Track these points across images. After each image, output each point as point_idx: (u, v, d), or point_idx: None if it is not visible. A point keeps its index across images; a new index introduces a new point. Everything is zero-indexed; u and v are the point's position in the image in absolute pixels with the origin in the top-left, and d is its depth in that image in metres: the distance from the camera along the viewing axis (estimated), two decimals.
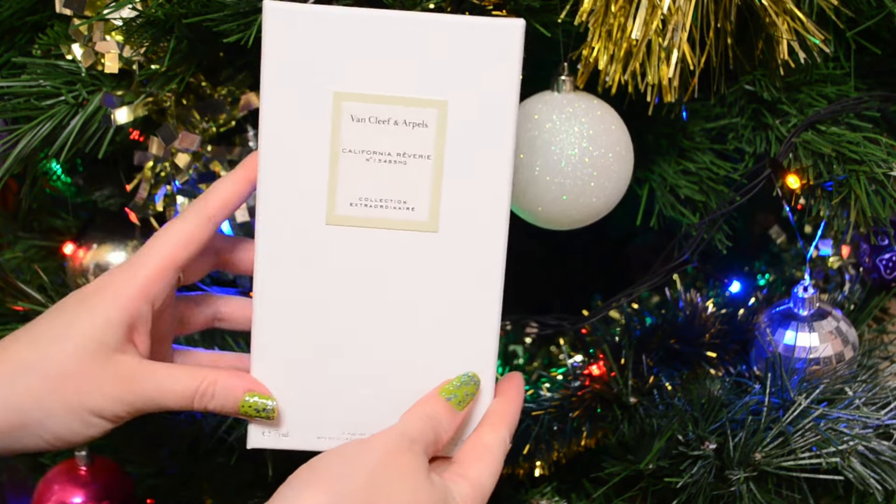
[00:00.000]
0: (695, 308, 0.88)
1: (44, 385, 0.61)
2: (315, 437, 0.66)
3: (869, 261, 0.92)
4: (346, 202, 0.62)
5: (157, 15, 0.71)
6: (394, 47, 0.60)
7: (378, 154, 0.62)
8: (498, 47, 0.61)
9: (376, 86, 0.61)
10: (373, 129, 0.61)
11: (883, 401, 0.81)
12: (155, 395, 0.62)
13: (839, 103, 0.81)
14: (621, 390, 0.85)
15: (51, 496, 0.90)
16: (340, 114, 0.61)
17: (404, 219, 0.63)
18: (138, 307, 0.62)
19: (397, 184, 0.62)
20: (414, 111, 0.61)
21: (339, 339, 0.64)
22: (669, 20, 0.70)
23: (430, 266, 0.64)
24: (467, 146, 0.62)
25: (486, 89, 0.62)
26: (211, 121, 0.81)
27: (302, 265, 0.63)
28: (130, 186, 0.84)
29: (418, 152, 0.62)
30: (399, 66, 0.61)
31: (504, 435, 0.65)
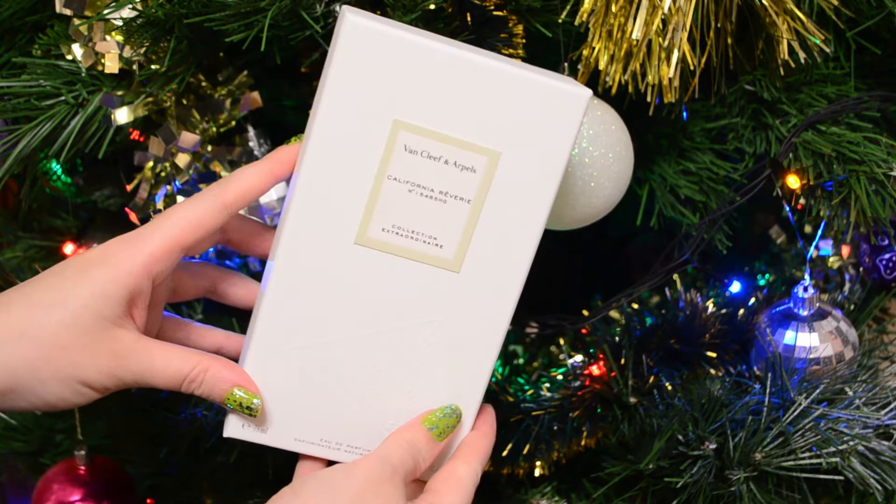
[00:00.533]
0: (695, 308, 0.88)
1: (39, 353, 0.60)
2: (293, 438, 0.66)
3: (869, 261, 0.92)
4: (379, 226, 0.63)
5: (158, 15, 0.70)
6: (462, 88, 0.60)
7: (421, 188, 0.62)
8: (561, 110, 0.61)
9: (437, 122, 0.61)
10: (422, 163, 0.61)
11: (883, 401, 0.81)
12: (146, 374, 0.62)
13: (839, 103, 0.81)
14: (621, 390, 0.85)
15: (50, 495, 0.89)
16: (395, 142, 0.61)
17: (431, 254, 0.63)
18: (139, 283, 0.62)
19: (433, 220, 0.63)
20: (466, 155, 0.61)
21: (337, 353, 0.65)
22: (670, 20, 0.70)
23: (441, 302, 0.64)
24: (508, 198, 0.63)
25: (540, 148, 0.62)
26: (211, 121, 0.81)
27: (318, 276, 0.63)
28: (131, 186, 0.84)
29: (460, 194, 0.62)
30: (463, 108, 0.61)
31: (476, 468, 0.65)
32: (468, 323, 0.65)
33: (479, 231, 0.63)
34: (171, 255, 0.63)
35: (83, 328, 0.60)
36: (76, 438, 0.90)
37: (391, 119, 0.60)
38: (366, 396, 0.66)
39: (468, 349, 0.66)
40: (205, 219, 0.63)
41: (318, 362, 0.65)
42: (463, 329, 0.65)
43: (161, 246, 0.62)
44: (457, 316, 0.65)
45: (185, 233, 0.62)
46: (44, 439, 1.03)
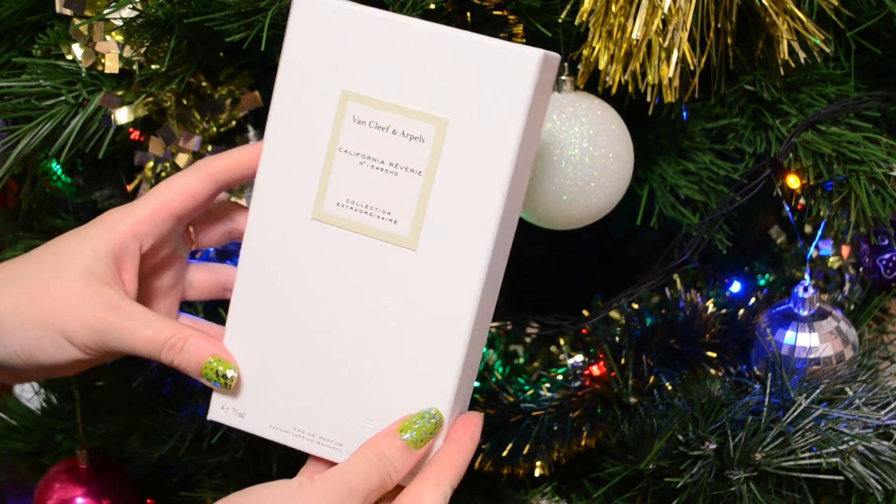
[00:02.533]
0: (695, 308, 0.88)
1: (24, 296, 0.62)
2: (268, 425, 0.65)
3: (869, 261, 0.92)
4: (334, 201, 0.62)
5: (158, 15, 0.70)
6: (409, 56, 0.60)
7: (371, 160, 0.61)
8: (511, 73, 0.59)
9: (383, 91, 0.60)
10: (371, 134, 0.61)
11: (883, 401, 0.81)
12: (125, 334, 0.62)
13: (839, 103, 0.81)
14: (621, 390, 0.85)
15: (52, 494, 0.90)
16: (344, 113, 0.61)
17: (385, 230, 0.62)
18: (125, 242, 0.63)
19: (385, 193, 0.61)
20: (413, 124, 0.60)
21: (307, 335, 0.64)
22: (670, 20, 0.70)
23: (403, 283, 0.62)
24: (462, 170, 0.60)
25: (493, 115, 0.59)
26: (211, 121, 0.81)
27: (283, 254, 0.63)
28: (131, 186, 0.84)
29: (410, 166, 0.61)
30: (410, 76, 0.60)
31: (446, 491, 0.61)
32: (430, 306, 0.61)
33: (434, 205, 0.61)
34: (159, 217, 0.64)
35: (69, 278, 0.62)
36: (77, 438, 0.90)
37: (339, 90, 0.61)
38: (335, 384, 0.64)
39: (434, 336, 0.62)
40: (192, 186, 0.65)
41: (287, 345, 0.64)
42: (425, 313, 0.62)
43: (148, 209, 0.64)
44: (417, 298, 0.62)
45: (172, 200, 0.64)
46: (44, 439, 1.03)
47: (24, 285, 0.62)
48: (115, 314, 0.62)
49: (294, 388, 0.65)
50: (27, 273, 0.63)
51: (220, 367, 0.64)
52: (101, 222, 0.64)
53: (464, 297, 0.61)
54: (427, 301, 0.62)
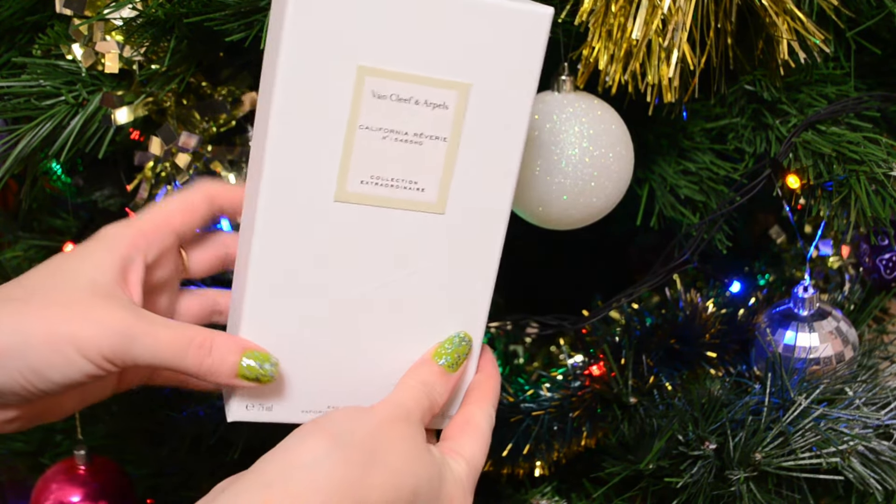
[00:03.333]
0: (695, 308, 0.88)
1: (26, 311, 0.57)
2: (300, 410, 0.64)
3: (869, 261, 0.92)
4: (357, 179, 0.60)
5: (158, 15, 0.71)
6: (423, 24, 0.58)
7: (395, 133, 0.60)
8: (524, 33, 0.60)
9: (402, 63, 0.59)
10: (393, 108, 0.60)
11: (883, 401, 0.81)
12: (149, 338, 0.58)
13: (839, 103, 0.81)
14: (621, 390, 0.85)
15: (49, 495, 0.89)
16: (362, 89, 0.59)
17: (413, 199, 0.62)
18: (129, 253, 0.61)
19: (410, 164, 0.61)
20: (436, 92, 0.60)
21: (332, 315, 0.63)
22: (670, 20, 0.70)
23: (430, 245, 0.63)
24: (483, 130, 0.61)
25: (508, 74, 0.60)
26: (211, 121, 0.81)
27: (303, 240, 0.61)
28: (131, 186, 0.84)
29: (435, 133, 0.61)
30: (426, 44, 0.59)
31: (490, 411, 0.65)
32: (459, 263, 0.64)
33: (459, 168, 0.62)
34: (160, 232, 0.63)
35: (76, 288, 0.58)
36: (76, 438, 0.90)
37: (355, 66, 0.58)
38: (368, 354, 0.64)
39: (463, 290, 0.64)
40: (192, 203, 0.64)
41: (314, 327, 0.63)
42: (454, 269, 0.64)
43: (150, 221, 0.63)
44: (446, 256, 0.63)
45: (173, 213, 0.63)
46: (44, 439, 1.03)
47: (25, 301, 0.58)
48: (134, 317, 0.58)
49: (325, 368, 0.64)
50: (27, 290, 0.59)
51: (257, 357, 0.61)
52: (101, 237, 0.62)
53: (490, 246, 0.64)
54: (455, 256, 0.63)
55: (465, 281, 0.64)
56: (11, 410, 0.60)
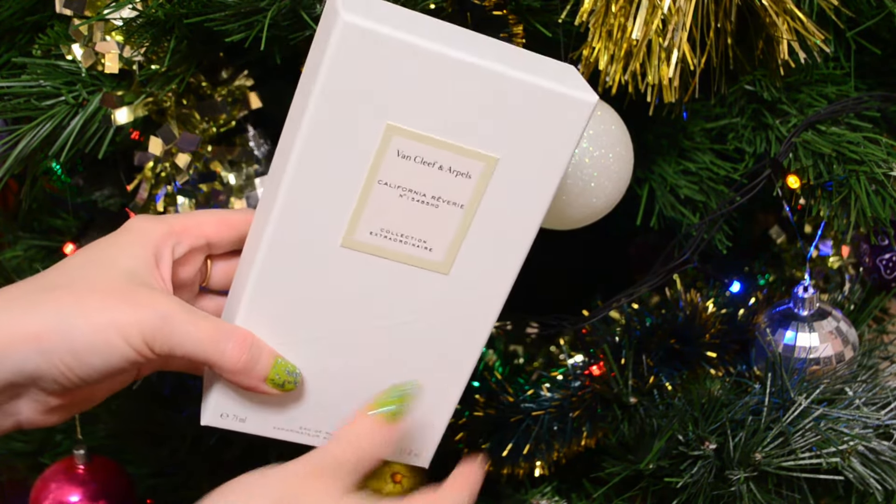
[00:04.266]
0: (695, 308, 0.88)
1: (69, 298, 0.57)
2: (272, 426, 0.65)
3: (869, 261, 0.92)
4: (367, 230, 0.61)
5: (158, 15, 0.70)
6: (459, 91, 0.58)
7: (413, 193, 0.60)
8: (564, 116, 0.59)
9: (432, 127, 0.58)
10: (415, 169, 0.59)
11: (883, 401, 0.81)
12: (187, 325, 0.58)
13: (839, 103, 0.81)
14: (621, 390, 0.85)
15: (48, 494, 0.89)
16: (388, 146, 0.58)
17: (419, 256, 0.62)
18: (160, 247, 0.61)
19: (423, 224, 0.61)
20: (462, 160, 0.59)
21: (320, 350, 0.63)
22: (670, 20, 0.70)
23: (427, 301, 0.63)
24: (503, 203, 0.61)
25: (540, 154, 0.60)
26: (211, 121, 0.81)
27: (302, 274, 0.61)
28: (131, 187, 0.84)
29: (453, 200, 0.60)
30: (460, 112, 0.58)
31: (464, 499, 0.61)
32: (453, 322, 0.64)
33: (471, 235, 0.62)
34: (191, 234, 0.63)
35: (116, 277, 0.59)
36: (76, 438, 0.90)
37: (384, 123, 0.58)
38: (348, 390, 0.65)
39: (452, 348, 0.65)
40: (228, 218, 0.64)
41: (300, 357, 0.63)
42: (448, 328, 0.64)
43: (182, 223, 0.63)
44: (442, 315, 0.64)
45: (208, 222, 0.64)
46: (44, 439, 1.03)
47: (67, 288, 0.58)
48: (175, 304, 0.58)
49: (307, 393, 0.64)
50: (68, 278, 0.59)
51: (287, 367, 0.62)
52: (133, 228, 0.62)
53: (486, 314, 0.64)
54: (450, 317, 0.64)
55: (456, 339, 0.65)
56: (53, 399, 0.60)
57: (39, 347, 0.57)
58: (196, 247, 0.64)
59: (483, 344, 0.65)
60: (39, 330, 0.57)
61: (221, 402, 0.64)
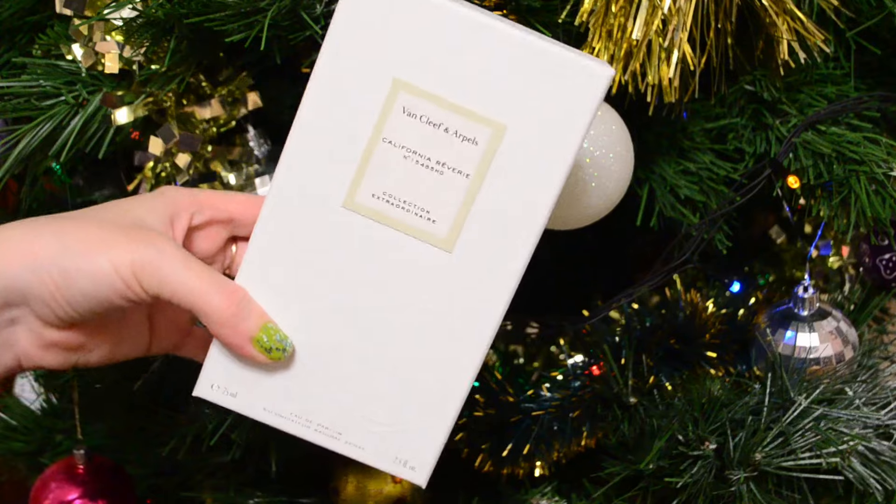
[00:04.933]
0: (695, 308, 0.88)
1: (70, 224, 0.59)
2: (262, 407, 0.62)
3: (869, 261, 0.92)
4: (369, 192, 0.59)
5: (158, 15, 0.70)
6: (473, 52, 0.56)
7: (417, 155, 0.58)
8: (577, 87, 0.57)
9: (440, 86, 0.57)
10: (421, 129, 0.58)
11: (883, 401, 0.81)
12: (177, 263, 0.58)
13: (839, 103, 0.81)
14: (621, 390, 0.85)
15: (48, 494, 0.89)
16: (394, 102, 0.57)
17: (422, 228, 0.59)
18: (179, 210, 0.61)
19: (427, 191, 0.59)
20: (469, 125, 0.58)
21: (315, 318, 0.61)
22: (670, 20, 0.70)
23: (429, 283, 0.60)
24: (511, 177, 0.58)
25: (551, 127, 0.58)
26: (211, 121, 0.81)
27: (303, 239, 0.60)
28: (131, 187, 0.84)
29: (458, 167, 0.58)
30: (471, 74, 0.57)
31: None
32: (458, 309, 0.60)
33: (477, 209, 0.59)
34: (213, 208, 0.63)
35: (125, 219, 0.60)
36: (76, 438, 0.90)
37: (391, 77, 0.57)
38: (345, 374, 0.62)
39: (457, 337, 0.61)
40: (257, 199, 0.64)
41: (299, 329, 0.61)
42: (452, 315, 0.61)
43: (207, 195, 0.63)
44: (446, 300, 0.60)
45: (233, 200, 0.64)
46: (44, 439, 1.03)
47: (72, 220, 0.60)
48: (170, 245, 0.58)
49: (299, 375, 0.62)
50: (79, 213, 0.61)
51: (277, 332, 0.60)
52: (160, 190, 0.63)
53: (492, 302, 0.61)
54: (454, 303, 0.61)
55: (458, 336, 0.61)
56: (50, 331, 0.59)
57: (32, 264, 0.57)
58: (217, 219, 0.64)
59: (488, 341, 0.61)
60: (35, 248, 0.57)
61: (214, 372, 0.62)
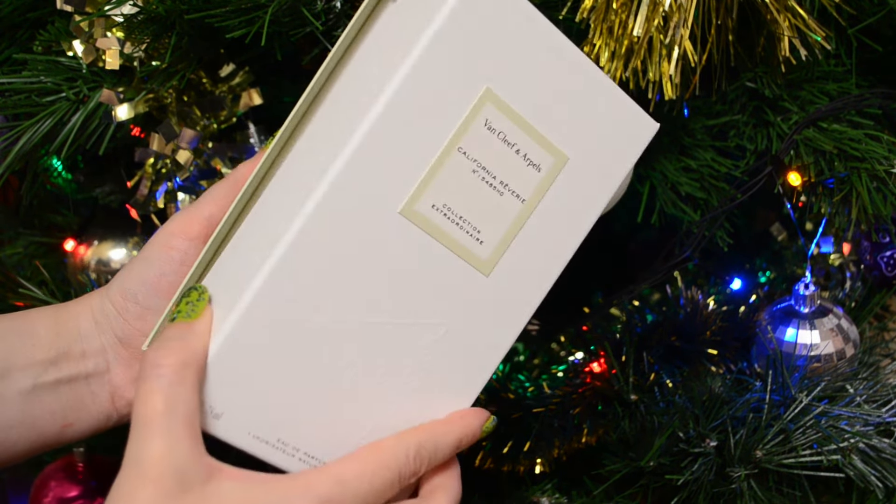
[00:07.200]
0: (696, 305, 0.88)
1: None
2: (246, 432, 0.56)
3: (870, 258, 0.92)
4: (430, 202, 0.56)
5: (158, 11, 0.70)
6: (560, 79, 0.57)
7: (485, 172, 0.57)
8: (634, 134, 0.61)
9: (524, 106, 0.57)
10: (496, 146, 0.57)
11: (884, 398, 0.81)
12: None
13: (840, 100, 0.81)
14: (622, 387, 0.85)
15: (48, 492, 0.89)
16: (479, 112, 0.56)
17: (468, 247, 0.58)
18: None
19: (483, 210, 0.58)
20: (537, 150, 0.58)
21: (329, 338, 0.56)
22: (671, 17, 0.70)
23: (458, 305, 0.59)
24: (557, 208, 0.60)
25: (603, 165, 0.60)
26: (212, 117, 0.81)
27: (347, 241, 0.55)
28: (131, 183, 0.84)
29: (517, 191, 0.58)
30: (552, 100, 0.57)
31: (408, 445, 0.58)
32: (477, 335, 0.60)
33: (522, 235, 0.59)
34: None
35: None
36: None
37: (484, 86, 0.55)
38: (345, 398, 0.57)
39: (468, 364, 0.60)
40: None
41: (305, 344, 0.56)
42: (470, 342, 0.60)
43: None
44: (468, 325, 0.59)
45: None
46: None
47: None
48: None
49: (294, 395, 0.56)
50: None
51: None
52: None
53: (510, 327, 0.61)
54: (475, 329, 0.60)
55: (474, 355, 0.61)
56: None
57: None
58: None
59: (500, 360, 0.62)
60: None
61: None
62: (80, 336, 0.65)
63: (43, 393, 0.64)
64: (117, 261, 0.91)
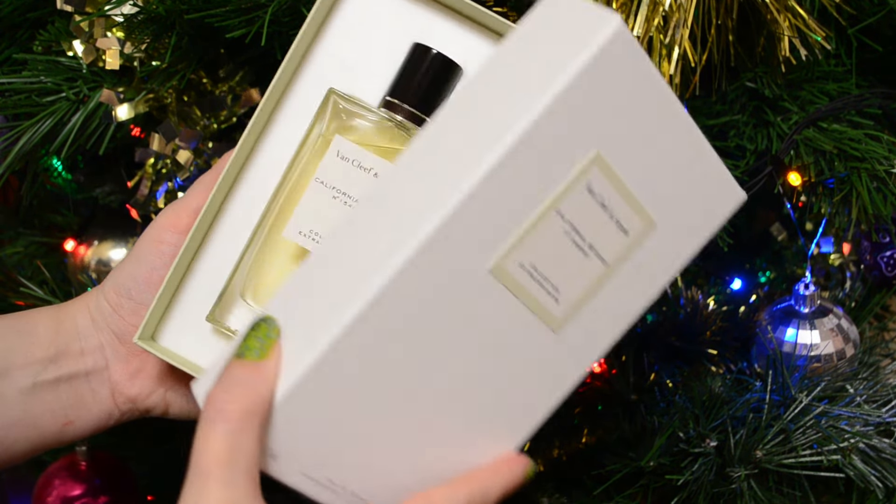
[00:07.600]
0: (696, 305, 0.88)
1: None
2: (299, 471, 0.55)
3: (870, 258, 0.92)
4: (519, 261, 0.53)
5: (159, 11, 0.71)
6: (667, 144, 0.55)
7: (576, 234, 0.54)
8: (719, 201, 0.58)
9: (627, 170, 0.54)
10: (592, 209, 0.54)
11: (884, 398, 0.81)
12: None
13: (840, 100, 0.81)
14: (622, 387, 0.85)
15: (51, 491, 0.89)
16: (585, 176, 0.53)
17: (545, 306, 0.55)
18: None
19: (567, 270, 0.55)
20: (630, 216, 0.55)
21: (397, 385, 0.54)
22: (671, 17, 0.70)
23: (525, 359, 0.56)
24: (635, 272, 0.57)
25: (688, 231, 0.58)
26: (212, 117, 0.81)
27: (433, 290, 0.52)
28: (131, 183, 0.84)
29: (602, 255, 0.55)
30: (656, 165, 0.55)
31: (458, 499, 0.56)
32: (534, 386, 0.57)
33: (598, 297, 0.56)
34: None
35: None
36: None
37: (596, 151, 0.52)
38: (398, 443, 0.55)
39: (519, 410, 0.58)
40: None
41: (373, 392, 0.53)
42: (525, 391, 0.57)
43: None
44: (527, 376, 0.57)
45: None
46: None
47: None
48: None
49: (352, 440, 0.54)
50: None
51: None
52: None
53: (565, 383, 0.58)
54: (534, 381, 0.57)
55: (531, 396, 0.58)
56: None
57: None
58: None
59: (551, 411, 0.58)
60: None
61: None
62: (79, 334, 0.65)
63: (43, 391, 0.64)
64: (117, 261, 0.91)
